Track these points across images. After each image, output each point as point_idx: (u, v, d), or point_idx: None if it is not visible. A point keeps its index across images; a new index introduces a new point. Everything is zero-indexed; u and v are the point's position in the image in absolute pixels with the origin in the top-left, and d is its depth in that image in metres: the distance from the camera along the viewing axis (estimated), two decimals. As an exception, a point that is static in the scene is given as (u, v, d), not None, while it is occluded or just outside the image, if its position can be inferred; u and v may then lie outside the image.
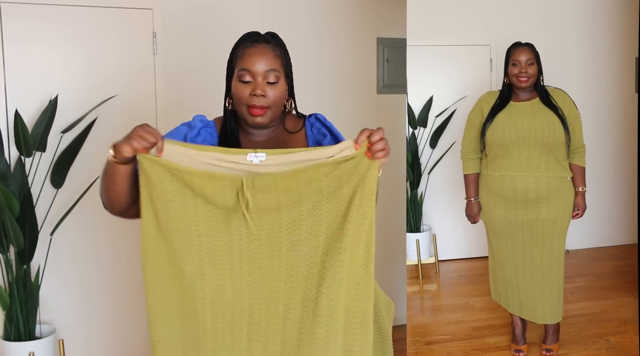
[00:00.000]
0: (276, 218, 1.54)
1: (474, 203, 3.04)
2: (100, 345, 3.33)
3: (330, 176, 1.53)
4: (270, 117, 1.66)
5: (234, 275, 1.56)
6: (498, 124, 2.89)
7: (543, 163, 2.87)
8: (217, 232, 1.55)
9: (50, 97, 3.08)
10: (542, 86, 2.95)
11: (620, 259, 3.88)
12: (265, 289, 1.57)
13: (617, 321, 3.42)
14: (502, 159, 2.91)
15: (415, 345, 3.28)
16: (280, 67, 1.66)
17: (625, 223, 3.79)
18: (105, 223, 3.30)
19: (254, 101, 1.62)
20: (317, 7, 3.68)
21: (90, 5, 3.17)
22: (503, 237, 2.99)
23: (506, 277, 3.04)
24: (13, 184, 2.97)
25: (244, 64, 1.64)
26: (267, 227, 1.55)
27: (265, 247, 1.55)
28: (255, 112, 1.63)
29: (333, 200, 1.53)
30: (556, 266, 2.97)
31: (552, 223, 2.92)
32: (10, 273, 2.97)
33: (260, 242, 1.55)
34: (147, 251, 1.55)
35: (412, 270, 3.72)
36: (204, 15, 3.41)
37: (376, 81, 3.87)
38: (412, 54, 3.41)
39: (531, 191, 2.88)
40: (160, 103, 3.33)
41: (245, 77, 1.63)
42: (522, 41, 2.97)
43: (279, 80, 1.65)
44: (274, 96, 1.64)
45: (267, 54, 1.65)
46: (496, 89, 3.43)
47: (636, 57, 3.67)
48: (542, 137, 2.85)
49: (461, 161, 3.07)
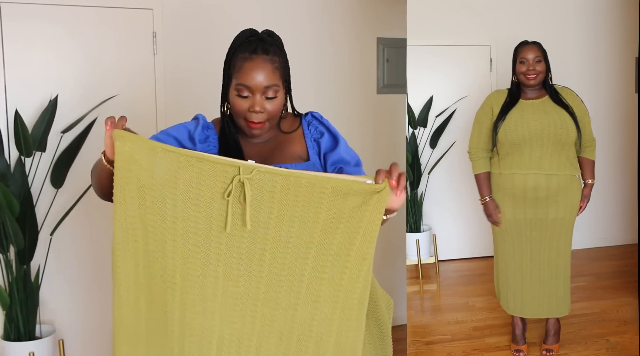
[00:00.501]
0: (261, 232, 1.40)
1: (490, 201, 2.99)
2: (100, 345, 3.33)
3: (334, 198, 1.39)
4: (268, 128, 1.67)
5: (206, 290, 1.42)
6: (510, 122, 2.88)
7: (555, 161, 2.88)
8: (195, 236, 1.41)
9: (50, 97, 3.08)
10: (551, 85, 2.95)
11: (620, 259, 3.88)
12: (238, 312, 1.42)
13: (617, 321, 3.42)
14: (514, 157, 2.90)
15: (415, 345, 3.28)
16: (279, 80, 1.63)
17: (625, 223, 3.79)
18: (105, 223, 3.29)
19: (252, 118, 1.61)
20: (317, 7, 3.68)
21: (90, 5, 3.16)
22: (509, 236, 2.98)
23: (508, 277, 3.03)
24: (13, 184, 2.97)
25: (242, 79, 1.60)
26: (249, 240, 1.41)
27: (245, 261, 1.41)
28: (253, 126, 1.63)
29: (329, 229, 1.40)
30: (563, 263, 2.98)
31: (560, 222, 2.93)
32: (10, 273, 2.97)
33: (239, 255, 1.41)
34: (117, 245, 1.44)
35: (412, 270, 3.72)
36: (204, 15, 3.41)
37: (376, 81, 3.87)
38: (412, 54, 3.41)
39: (542, 189, 2.88)
40: (160, 103, 3.33)
41: (243, 92, 1.60)
42: (528, 40, 2.96)
43: (278, 94, 1.63)
44: (272, 109, 1.63)
45: (266, 68, 1.60)
46: (496, 88, 3.44)
47: (636, 57, 3.67)
48: (555, 135, 2.85)
49: (470, 160, 3.04)
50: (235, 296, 1.43)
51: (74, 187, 3.13)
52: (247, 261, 1.42)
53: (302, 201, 1.40)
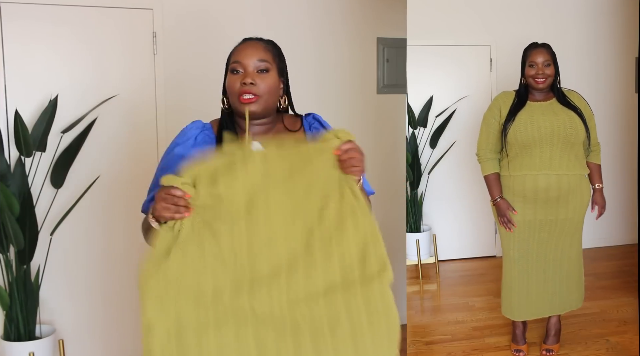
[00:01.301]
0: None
1: (501, 200, 2.94)
2: (100, 344, 3.33)
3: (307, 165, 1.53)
4: (262, 106, 1.67)
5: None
6: (520, 123, 2.87)
7: (565, 161, 2.87)
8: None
9: (50, 97, 3.08)
10: (559, 88, 2.95)
11: (620, 259, 3.88)
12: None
13: (617, 321, 3.42)
14: (524, 158, 2.89)
15: (415, 345, 3.28)
16: (270, 59, 1.70)
17: (625, 223, 3.79)
18: (105, 223, 3.30)
19: (245, 89, 1.65)
20: (317, 7, 3.68)
21: (90, 5, 3.17)
22: (517, 238, 2.95)
23: (512, 282, 3.01)
24: (13, 184, 2.97)
25: (235, 56, 1.70)
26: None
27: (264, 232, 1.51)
28: (245, 100, 1.64)
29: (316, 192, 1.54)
30: (575, 260, 3.00)
31: (570, 222, 2.93)
32: (10, 273, 2.97)
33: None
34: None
35: (412, 270, 3.72)
36: (204, 15, 3.41)
37: (376, 81, 3.87)
38: (412, 54, 3.40)
39: (553, 190, 2.87)
40: (160, 103, 3.33)
41: (236, 67, 1.68)
42: (538, 41, 2.95)
43: (270, 70, 1.69)
44: (265, 85, 1.67)
45: (257, 47, 1.71)
46: (496, 88, 3.44)
47: (636, 57, 3.67)
48: (565, 135, 2.84)
49: (479, 162, 3.02)
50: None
51: (74, 187, 3.13)
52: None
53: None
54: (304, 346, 1.49)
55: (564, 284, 3.01)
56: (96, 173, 3.17)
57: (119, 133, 3.27)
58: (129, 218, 3.12)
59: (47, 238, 3.09)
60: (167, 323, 1.47)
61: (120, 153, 3.27)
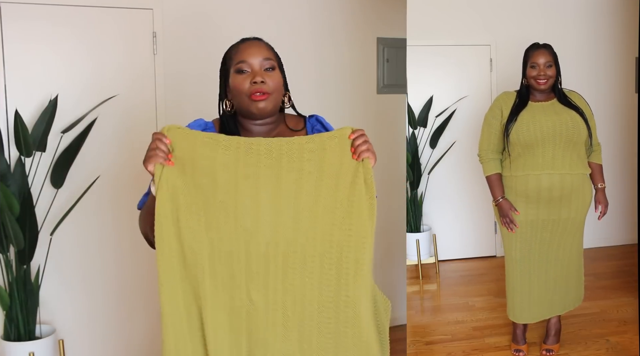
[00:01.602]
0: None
1: (504, 201, 2.93)
2: (100, 345, 3.33)
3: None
4: (273, 103, 1.70)
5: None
6: (522, 123, 2.87)
7: (567, 160, 2.87)
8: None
9: (50, 97, 3.08)
10: (560, 88, 2.94)
11: (620, 259, 3.88)
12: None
13: (617, 321, 3.42)
14: (526, 158, 2.89)
15: (415, 345, 3.28)
16: (274, 57, 1.74)
17: (625, 223, 3.79)
18: (105, 223, 3.30)
19: (256, 88, 1.67)
20: (317, 7, 3.68)
21: (90, 5, 3.17)
22: (520, 238, 2.95)
23: (515, 283, 2.99)
24: (13, 184, 2.97)
25: (240, 57, 1.71)
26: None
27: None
28: (257, 97, 1.67)
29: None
30: (575, 259, 3.00)
31: (572, 222, 2.93)
32: (10, 273, 2.97)
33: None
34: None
35: (412, 270, 3.72)
36: (204, 15, 3.41)
37: (376, 81, 3.87)
38: (412, 54, 3.40)
39: (556, 189, 2.87)
40: (160, 103, 3.33)
41: (243, 67, 1.69)
42: (539, 42, 2.94)
43: (275, 68, 1.72)
44: (273, 82, 1.70)
45: (260, 46, 1.74)
46: (496, 88, 3.43)
47: (636, 57, 3.67)
48: (567, 134, 2.84)
49: (480, 163, 3.01)
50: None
51: (74, 187, 3.13)
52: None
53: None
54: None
55: (564, 284, 3.01)
56: (96, 173, 3.17)
57: (118, 133, 3.27)
58: (129, 218, 3.12)
59: (47, 238, 3.09)
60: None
61: (120, 153, 3.27)
